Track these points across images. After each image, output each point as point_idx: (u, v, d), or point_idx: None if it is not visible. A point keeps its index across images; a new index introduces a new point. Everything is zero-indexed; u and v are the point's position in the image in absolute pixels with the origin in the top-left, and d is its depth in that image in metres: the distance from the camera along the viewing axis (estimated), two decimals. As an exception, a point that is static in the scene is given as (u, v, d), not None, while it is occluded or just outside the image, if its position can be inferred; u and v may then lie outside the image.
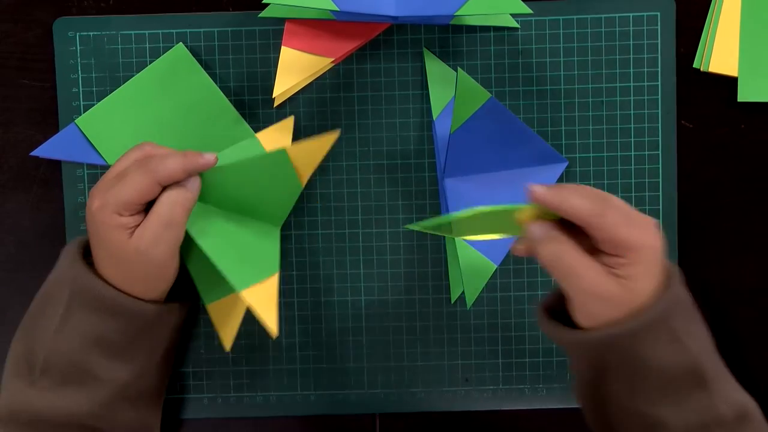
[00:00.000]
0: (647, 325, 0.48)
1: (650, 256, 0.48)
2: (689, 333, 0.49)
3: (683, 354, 0.48)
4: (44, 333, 0.53)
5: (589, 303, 0.49)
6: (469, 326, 0.65)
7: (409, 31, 0.64)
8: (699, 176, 0.64)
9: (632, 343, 0.48)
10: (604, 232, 0.47)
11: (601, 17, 0.63)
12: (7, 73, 0.65)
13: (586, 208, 0.47)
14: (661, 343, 0.48)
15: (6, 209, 0.65)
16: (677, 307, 0.49)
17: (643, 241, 0.47)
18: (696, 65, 0.64)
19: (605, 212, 0.47)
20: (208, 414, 0.65)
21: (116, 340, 0.53)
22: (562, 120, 0.64)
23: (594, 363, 0.51)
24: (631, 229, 0.47)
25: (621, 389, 0.50)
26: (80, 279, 0.53)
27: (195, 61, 0.62)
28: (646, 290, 0.48)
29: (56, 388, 0.52)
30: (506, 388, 0.65)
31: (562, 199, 0.47)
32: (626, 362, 0.49)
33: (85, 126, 0.62)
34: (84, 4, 0.64)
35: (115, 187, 0.51)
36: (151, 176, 0.51)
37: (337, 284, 0.65)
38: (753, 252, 0.65)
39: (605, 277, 0.48)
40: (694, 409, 0.49)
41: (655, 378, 0.49)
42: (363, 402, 0.65)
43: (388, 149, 0.64)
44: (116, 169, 0.53)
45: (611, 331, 0.48)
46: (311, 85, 0.64)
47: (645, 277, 0.48)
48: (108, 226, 0.52)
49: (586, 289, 0.48)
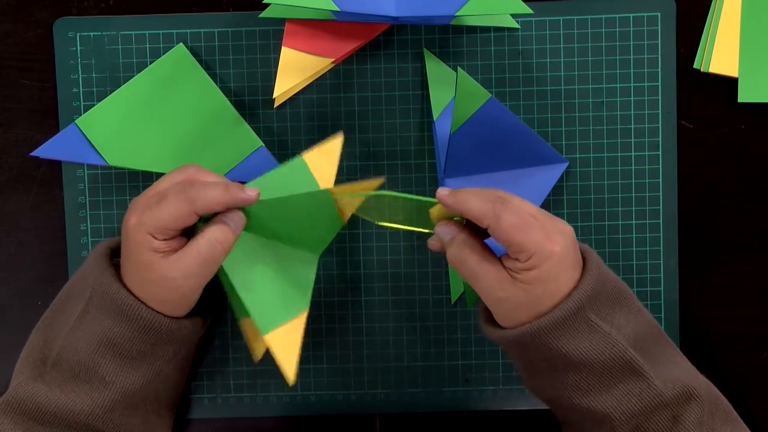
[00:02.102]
0: (557, 322, 0.48)
1: (548, 262, 0.48)
2: (611, 322, 0.50)
3: (605, 342, 0.49)
4: (61, 328, 0.54)
5: (492, 304, 0.50)
6: (469, 326, 0.65)
7: (409, 31, 0.64)
8: (699, 176, 0.64)
9: (547, 339, 0.49)
10: (499, 234, 0.48)
11: (601, 17, 0.63)
12: (7, 73, 0.65)
13: (481, 211, 0.48)
14: (580, 336, 0.49)
15: (6, 209, 0.65)
16: (593, 300, 0.49)
17: (540, 247, 0.47)
18: (696, 66, 0.64)
19: (501, 215, 0.47)
20: (208, 414, 0.65)
21: (128, 347, 0.53)
22: (562, 120, 0.64)
23: (520, 357, 0.52)
24: (527, 235, 0.47)
25: (551, 383, 0.51)
26: (102, 281, 0.53)
27: (195, 61, 0.62)
28: (543, 294, 0.49)
29: (63, 384, 0.53)
30: (506, 388, 0.65)
31: (458, 201, 0.48)
32: (548, 358, 0.50)
33: (85, 126, 0.61)
34: (84, 5, 0.64)
35: (153, 209, 0.50)
36: (189, 205, 0.50)
37: (337, 284, 0.65)
38: (753, 252, 0.65)
39: (503, 282, 0.48)
40: (632, 395, 0.49)
41: (586, 370, 0.49)
42: (363, 402, 0.65)
43: (388, 149, 0.64)
44: (158, 188, 0.52)
45: (523, 330, 0.49)
46: (311, 85, 0.64)
47: (542, 282, 0.48)
48: (141, 246, 0.51)
49: (487, 291, 0.49)
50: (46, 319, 0.56)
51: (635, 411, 0.49)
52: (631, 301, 0.52)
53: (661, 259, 0.64)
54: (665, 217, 0.64)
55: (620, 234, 0.64)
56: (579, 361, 0.49)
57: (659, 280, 0.64)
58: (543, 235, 0.48)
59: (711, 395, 0.51)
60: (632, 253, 0.64)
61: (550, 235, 0.48)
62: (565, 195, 0.64)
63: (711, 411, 0.51)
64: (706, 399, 0.50)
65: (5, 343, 0.65)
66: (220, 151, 0.62)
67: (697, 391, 0.50)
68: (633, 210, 0.64)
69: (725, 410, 0.52)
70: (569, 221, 0.63)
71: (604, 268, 0.52)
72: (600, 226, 0.64)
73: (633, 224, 0.64)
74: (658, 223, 0.64)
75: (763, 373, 0.65)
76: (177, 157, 0.62)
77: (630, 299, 0.52)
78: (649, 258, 0.64)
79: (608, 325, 0.49)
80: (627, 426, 0.50)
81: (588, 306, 0.49)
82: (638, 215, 0.64)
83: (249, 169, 0.62)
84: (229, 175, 0.62)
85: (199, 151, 0.62)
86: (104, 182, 0.65)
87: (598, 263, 0.51)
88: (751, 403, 0.64)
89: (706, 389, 0.51)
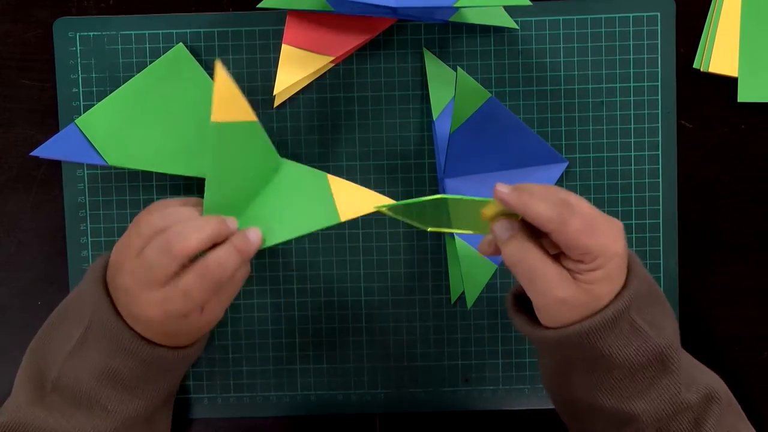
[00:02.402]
0: (606, 323, 0.48)
1: (613, 264, 0.48)
2: (651, 322, 0.49)
3: (646, 344, 0.49)
4: (58, 351, 0.53)
5: (549, 305, 0.49)
6: (469, 326, 0.65)
7: (409, 31, 0.64)
8: (699, 176, 0.64)
9: (593, 340, 0.48)
10: (566, 240, 0.47)
11: (601, 17, 0.63)
12: (7, 73, 0.65)
13: (548, 216, 0.46)
14: (623, 337, 0.48)
15: (6, 209, 0.65)
16: (637, 301, 0.49)
17: (605, 249, 0.47)
18: (696, 65, 0.64)
19: (568, 220, 0.46)
20: (208, 414, 0.65)
21: (129, 377, 0.52)
22: (562, 120, 0.64)
23: (557, 357, 0.51)
24: (593, 238, 0.47)
25: (585, 383, 0.51)
26: (101, 311, 0.51)
27: (195, 61, 0.62)
28: (606, 293, 0.48)
29: (64, 410, 0.52)
30: (506, 388, 0.65)
31: (524, 205, 0.47)
32: (589, 358, 0.49)
33: (85, 126, 0.61)
34: (84, 4, 0.64)
35: (178, 304, 0.49)
36: (215, 282, 0.49)
37: (337, 284, 0.65)
38: (753, 252, 0.65)
39: (566, 282, 0.48)
40: (662, 397, 0.49)
41: (622, 371, 0.49)
42: (363, 402, 0.65)
43: (388, 149, 0.64)
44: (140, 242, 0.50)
45: (570, 330, 0.48)
46: (311, 85, 0.64)
47: (606, 282, 0.48)
48: (177, 324, 0.51)
49: (546, 292, 0.48)
50: (43, 334, 0.55)
51: (662, 414, 0.49)
52: (664, 300, 0.52)
53: (661, 259, 0.64)
54: (665, 217, 0.64)
55: (620, 234, 0.64)
56: (620, 362, 0.49)
57: (659, 280, 0.64)
58: (607, 235, 0.47)
59: (727, 394, 0.52)
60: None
61: (612, 234, 0.48)
62: (565, 195, 0.64)
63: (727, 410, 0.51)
64: (724, 400, 0.50)
65: (5, 343, 0.65)
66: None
67: (718, 393, 0.50)
68: (633, 210, 0.64)
69: (737, 408, 0.52)
70: (569, 221, 0.63)
71: (643, 270, 0.51)
72: (600, 226, 0.64)
73: (633, 224, 0.64)
74: (658, 223, 0.64)
75: (763, 373, 0.65)
76: (176, 157, 0.62)
77: (663, 299, 0.52)
78: (649, 258, 0.64)
79: (648, 326, 0.49)
80: (652, 429, 0.49)
81: (632, 306, 0.49)
82: (638, 215, 0.64)
83: None
84: None
85: (199, 150, 0.62)
86: (104, 182, 0.65)
87: (639, 264, 0.51)
88: (752, 403, 0.64)
89: (723, 388, 0.51)
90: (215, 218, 0.50)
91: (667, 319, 0.51)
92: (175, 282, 0.49)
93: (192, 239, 0.48)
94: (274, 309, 0.65)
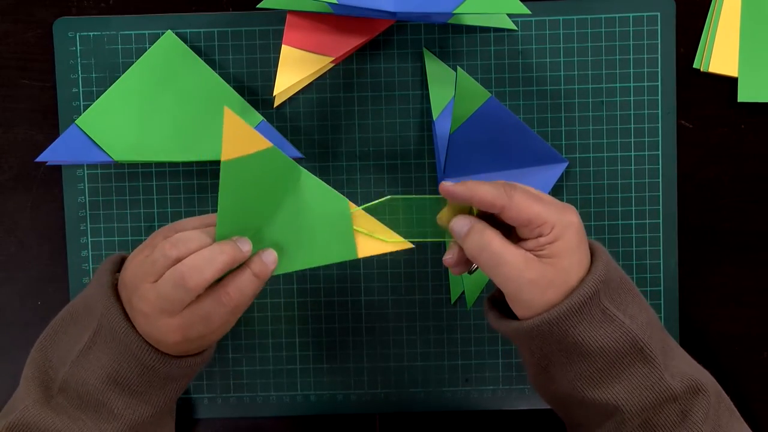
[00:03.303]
0: (575, 308, 0.48)
1: (570, 231, 0.49)
2: (624, 310, 0.50)
3: (619, 331, 0.49)
4: (66, 353, 0.53)
5: (521, 290, 0.49)
6: (469, 326, 0.65)
7: (409, 31, 0.64)
8: (699, 176, 0.64)
9: (564, 327, 0.49)
10: (516, 212, 0.48)
11: (601, 17, 0.63)
12: (7, 73, 0.65)
13: (494, 195, 0.48)
14: (595, 323, 0.49)
15: (6, 209, 0.65)
16: (606, 286, 0.49)
17: (559, 217, 0.48)
18: (696, 65, 0.64)
19: (513, 195, 0.48)
20: (208, 414, 0.65)
21: (137, 382, 0.52)
22: (562, 120, 0.64)
23: (535, 351, 0.51)
24: (543, 206, 0.48)
25: (565, 376, 0.51)
26: (110, 316, 0.52)
27: (185, 46, 0.62)
28: (573, 268, 0.49)
29: (71, 412, 0.52)
30: (506, 388, 0.65)
31: (470, 190, 0.49)
32: (564, 349, 0.50)
33: (86, 125, 0.61)
34: (84, 4, 0.64)
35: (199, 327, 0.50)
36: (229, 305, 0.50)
37: (337, 284, 0.65)
38: (753, 252, 0.65)
39: (531, 261, 0.48)
40: (644, 387, 0.49)
41: (599, 360, 0.49)
42: (363, 402, 0.65)
43: (388, 149, 0.64)
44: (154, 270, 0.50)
45: (542, 318, 0.49)
46: (311, 85, 0.64)
47: (569, 253, 0.49)
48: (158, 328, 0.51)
49: (514, 274, 0.49)
50: (48, 336, 0.55)
51: (645, 404, 0.49)
52: (636, 291, 0.52)
53: (661, 259, 0.64)
54: (665, 217, 0.64)
55: (620, 234, 0.64)
56: (593, 349, 0.49)
57: (659, 280, 0.64)
58: (557, 208, 0.49)
59: (716, 389, 0.51)
60: (632, 253, 0.64)
61: (563, 209, 0.49)
62: (565, 195, 0.64)
63: (716, 405, 0.51)
64: (712, 393, 0.50)
65: (5, 343, 0.65)
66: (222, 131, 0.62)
67: (705, 385, 0.50)
68: (633, 210, 0.64)
69: (728, 404, 0.52)
70: (569, 221, 0.63)
71: (611, 261, 0.52)
72: (600, 226, 0.64)
73: (633, 224, 0.64)
74: (658, 223, 0.64)
75: (763, 373, 0.65)
76: (180, 144, 0.62)
77: (635, 290, 0.52)
78: (649, 258, 0.64)
79: (621, 313, 0.49)
80: (636, 419, 0.49)
81: (602, 292, 0.49)
82: (638, 215, 0.64)
83: None
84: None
85: (202, 134, 0.62)
86: (104, 182, 0.65)
87: (606, 252, 0.52)
88: (752, 403, 0.64)
89: (711, 383, 0.51)
90: (229, 246, 0.50)
91: (642, 310, 0.51)
92: (195, 308, 0.50)
93: (206, 273, 0.49)
94: (274, 309, 0.65)
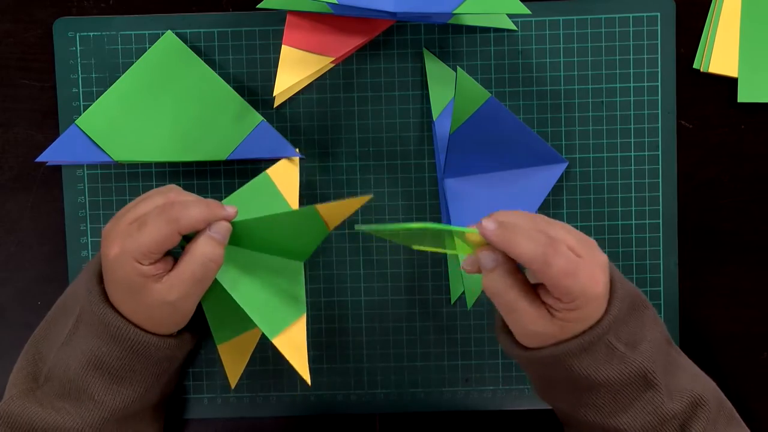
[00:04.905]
0: (581, 348, 0.48)
1: (591, 307, 0.48)
2: (628, 341, 0.50)
3: (624, 363, 0.49)
4: (53, 343, 0.54)
5: (523, 336, 0.50)
6: (469, 326, 0.65)
7: (409, 31, 0.64)
8: (699, 176, 0.64)
9: (568, 362, 0.49)
10: (548, 280, 0.47)
11: (601, 18, 0.63)
12: (7, 73, 0.65)
13: (532, 256, 0.46)
14: (600, 359, 0.49)
15: (6, 209, 0.65)
16: (616, 324, 0.49)
17: (586, 291, 0.47)
18: (696, 66, 0.64)
19: (551, 261, 0.46)
20: (208, 414, 0.65)
21: (117, 366, 0.52)
22: (562, 120, 0.64)
23: (538, 375, 0.52)
24: (575, 280, 0.47)
25: (568, 400, 0.52)
26: (90, 300, 0.52)
27: (185, 46, 0.62)
28: (579, 330, 0.49)
29: (54, 401, 0.52)
30: (506, 388, 0.65)
31: (508, 243, 0.47)
32: (568, 378, 0.50)
33: (86, 125, 0.61)
34: (84, 4, 0.64)
35: (134, 236, 0.50)
36: (172, 226, 0.50)
37: (338, 284, 0.65)
38: (753, 252, 0.65)
39: (542, 319, 0.48)
40: (646, 411, 0.50)
41: (603, 390, 0.50)
42: (363, 402, 0.65)
43: (388, 149, 0.64)
44: (136, 213, 0.52)
45: (545, 353, 0.49)
46: (311, 85, 0.64)
47: (582, 322, 0.49)
48: (129, 275, 0.50)
49: (522, 323, 0.49)
50: (41, 330, 0.56)
51: (647, 426, 0.50)
52: (645, 310, 0.52)
53: (661, 259, 0.64)
54: (665, 217, 0.64)
55: (620, 234, 0.64)
56: (599, 382, 0.49)
57: (659, 280, 0.64)
58: (588, 277, 0.47)
59: (716, 399, 0.52)
60: (632, 253, 0.64)
61: (594, 276, 0.48)
62: (565, 195, 0.64)
63: (715, 415, 0.51)
64: (712, 403, 0.51)
65: (5, 343, 0.65)
66: (222, 130, 0.62)
67: (704, 398, 0.50)
68: (633, 210, 0.64)
69: (728, 413, 0.52)
70: (569, 221, 0.63)
71: (625, 284, 0.52)
72: (600, 226, 0.64)
73: (633, 224, 0.64)
74: (658, 223, 0.64)
75: (763, 373, 0.65)
76: (181, 144, 0.62)
77: (644, 309, 0.52)
78: (649, 258, 0.64)
79: (624, 346, 0.50)
80: None
81: (611, 331, 0.49)
82: (638, 215, 0.64)
83: (253, 145, 0.62)
84: (235, 153, 0.62)
85: (202, 134, 0.62)
86: (104, 182, 0.65)
87: (621, 281, 0.51)
88: (752, 403, 0.64)
89: (712, 393, 0.52)
90: (215, 202, 0.52)
91: (649, 329, 0.51)
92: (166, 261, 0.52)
93: (192, 210, 0.50)
94: (274, 309, 0.65)
